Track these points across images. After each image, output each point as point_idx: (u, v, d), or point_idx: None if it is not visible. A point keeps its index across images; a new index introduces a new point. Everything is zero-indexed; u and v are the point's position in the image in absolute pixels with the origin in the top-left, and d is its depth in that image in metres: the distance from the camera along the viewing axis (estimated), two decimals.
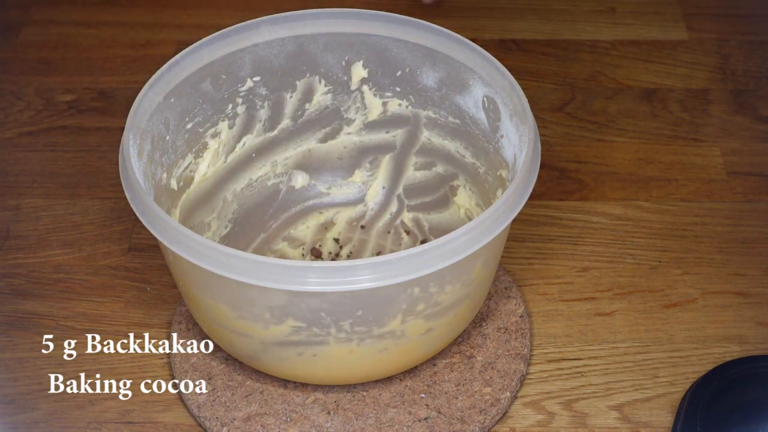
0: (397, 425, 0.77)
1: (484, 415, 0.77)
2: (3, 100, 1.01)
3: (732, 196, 0.93)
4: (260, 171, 0.88)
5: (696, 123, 0.99)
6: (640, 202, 0.92)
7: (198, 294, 0.74)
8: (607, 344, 0.83)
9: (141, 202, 0.71)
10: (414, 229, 0.89)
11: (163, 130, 0.79)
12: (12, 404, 0.79)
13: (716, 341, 0.83)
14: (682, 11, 1.09)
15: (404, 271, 0.68)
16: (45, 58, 1.05)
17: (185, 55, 0.80)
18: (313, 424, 0.77)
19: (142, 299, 0.85)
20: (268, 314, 0.71)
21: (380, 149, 0.89)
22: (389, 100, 0.86)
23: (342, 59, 0.84)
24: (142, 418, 0.78)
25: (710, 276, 0.87)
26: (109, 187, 0.93)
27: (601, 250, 0.89)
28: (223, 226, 0.87)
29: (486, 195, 0.83)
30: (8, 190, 0.93)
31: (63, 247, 0.89)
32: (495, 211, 0.70)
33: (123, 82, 1.03)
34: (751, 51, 1.05)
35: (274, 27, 0.82)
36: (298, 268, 0.67)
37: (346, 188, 0.90)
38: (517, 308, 0.83)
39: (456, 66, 0.81)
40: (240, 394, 0.78)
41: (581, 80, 1.03)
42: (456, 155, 0.86)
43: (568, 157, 0.96)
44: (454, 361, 0.80)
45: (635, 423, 0.78)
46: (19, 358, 0.82)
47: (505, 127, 0.79)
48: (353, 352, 0.73)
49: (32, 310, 0.85)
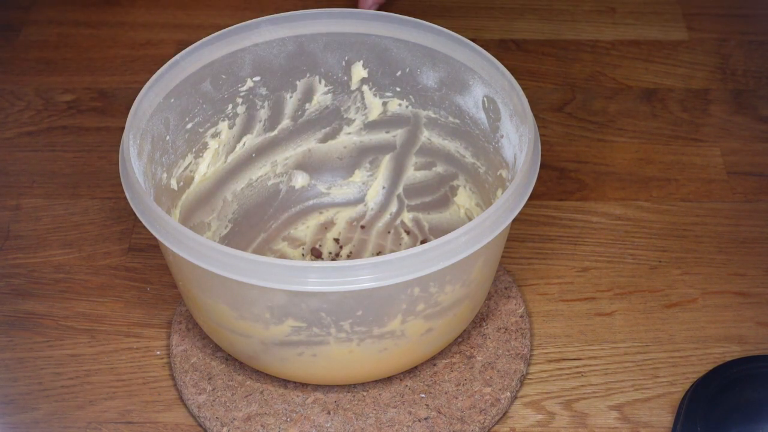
0: (397, 425, 0.77)
1: (484, 415, 0.77)
2: (3, 100, 1.01)
3: (732, 196, 0.93)
4: (260, 171, 0.88)
5: (696, 123, 0.99)
6: (640, 202, 0.92)
7: (198, 294, 0.74)
8: (607, 344, 0.83)
9: (141, 202, 0.71)
10: (414, 229, 0.88)
11: (163, 130, 0.79)
12: (12, 404, 0.79)
13: (716, 341, 0.83)
14: (682, 11, 1.09)
15: (404, 271, 0.68)
16: (45, 58, 1.05)
17: (185, 55, 0.80)
18: (313, 424, 0.77)
19: (142, 299, 0.85)
20: (268, 314, 0.71)
21: (380, 149, 0.89)
22: (389, 100, 0.86)
23: (342, 59, 0.84)
24: (142, 418, 0.78)
25: (710, 276, 0.87)
26: (109, 187, 0.93)
27: (601, 250, 0.89)
28: (223, 226, 0.87)
29: (486, 195, 0.83)
30: (8, 190, 0.93)
31: (63, 247, 0.89)
32: (495, 211, 0.70)
33: (123, 82, 1.03)
34: (751, 51, 1.05)
35: (274, 27, 0.82)
36: (298, 268, 0.67)
37: (346, 188, 0.90)
38: (517, 308, 0.83)
39: (456, 66, 0.81)
40: (240, 394, 0.78)
41: (581, 80, 1.03)
42: (456, 155, 0.86)
43: (568, 157, 0.96)
44: (454, 361, 0.80)
45: (635, 423, 0.78)
46: (19, 358, 0.82)
47: (505, 127, 0.79)
48: (353, 352, 0.73)
49: (32, 310, 0.85)
